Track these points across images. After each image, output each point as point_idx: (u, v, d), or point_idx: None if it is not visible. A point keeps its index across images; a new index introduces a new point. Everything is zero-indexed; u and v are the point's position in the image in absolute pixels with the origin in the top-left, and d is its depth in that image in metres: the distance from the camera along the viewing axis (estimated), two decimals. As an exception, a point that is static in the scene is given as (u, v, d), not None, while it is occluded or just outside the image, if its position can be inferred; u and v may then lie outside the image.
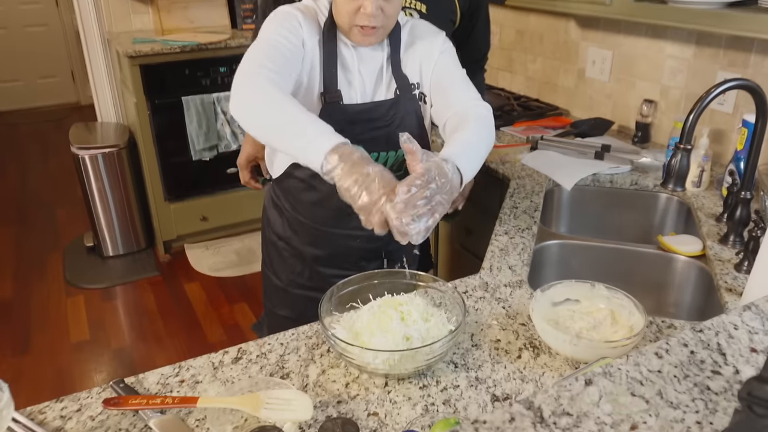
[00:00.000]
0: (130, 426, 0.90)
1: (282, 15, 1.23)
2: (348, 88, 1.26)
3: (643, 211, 1.79)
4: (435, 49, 1.32)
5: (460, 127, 1.17)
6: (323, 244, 1.39)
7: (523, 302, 1.19)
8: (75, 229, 3.74)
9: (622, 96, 2.22)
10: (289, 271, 1.45)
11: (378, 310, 1.06)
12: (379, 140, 1.27)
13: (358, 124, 1.26)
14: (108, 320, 2.92)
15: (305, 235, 1.40)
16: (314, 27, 1.24)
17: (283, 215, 1.42)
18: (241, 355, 1.05)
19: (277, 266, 1.48)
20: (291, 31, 1.20)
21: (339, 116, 1.23)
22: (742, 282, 1.26)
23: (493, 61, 2.84)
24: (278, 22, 1.21)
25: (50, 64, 6.10)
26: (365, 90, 1.28)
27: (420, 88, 1.33)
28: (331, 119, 1.14)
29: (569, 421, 0.56)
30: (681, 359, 0.64)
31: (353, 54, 1.26)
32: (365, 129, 1.27)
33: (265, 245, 1.52)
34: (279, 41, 1.17)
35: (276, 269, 1.48)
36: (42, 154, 5.11)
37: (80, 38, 3.66)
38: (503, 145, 2.08)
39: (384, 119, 1.28)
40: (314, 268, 1.43)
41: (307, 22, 1.22)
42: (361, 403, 0.94)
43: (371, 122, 1.27)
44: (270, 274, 1.51)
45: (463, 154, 1.07)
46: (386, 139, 1.28)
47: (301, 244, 1.41)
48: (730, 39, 1.80)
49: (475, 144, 1.13)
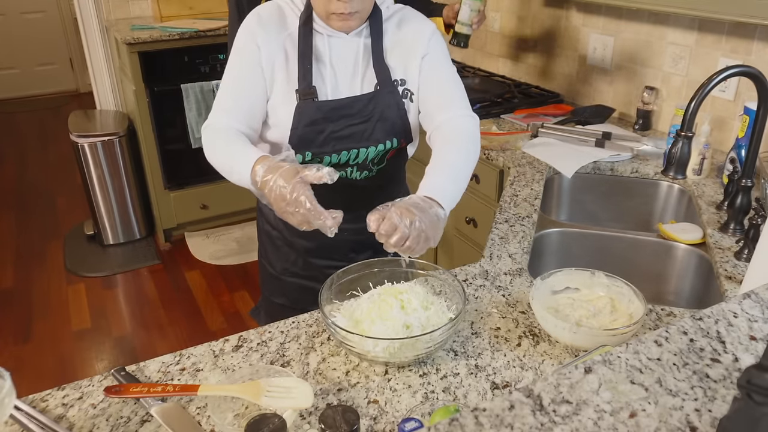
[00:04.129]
0: (132, 414, 0.90)
1: (241, 40, 1.24)
2: (322, 84, 1.24)
3: (643, 198, 1.79)
4: (420, 45, 1.28)
5: (451, 148, 1.23)
6: (311, 235, 1.33)
7: (523, 290, 1.19)
8: (75, 218, 3.74)
9: (624, 83, 2.21)
10: (283, 260, 1.45)
11: (378, 298, 1.06)
12: (356, 136, 1.26)
13: (334, 120, 1.24)
14: (109, 308, 2.93)
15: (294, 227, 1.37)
16: (278, 28, 1.24)
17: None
18: (242, 343, 1.05)
19: (271, 255, 1.48)
20: (249, 57, 1.23)
21: (314, 113, 1.23)
22: (742, 270, 1.26)
23: (494, 48, 2.83)
24: (238, 53, 1.25)
25: (48, 52, 6.07)
26: (339, 84, 1.26)
27: (406, 85, 1.29)
28: (306, 116, 1.22)
29: (569, 408, 0.56)
30: (680, 347, 0.64)
31: (328, 46, 1.24)
32: (343, 125, 1.25)
33: (260, 235, 1.52)
34: (240, 77, 1.24)
35: (270, 258, 1.48)
36: (41, 143, 5.10)
37: (78, 25, 3.64)
38: (503, 133, 2.07)
39: (362, 114, 1.26)
40: (306, 259, 1.43)
41: (265, 31, 1.23)
42: (362, 391, 0.94)
43: (348, 118, 1.25)
44: (265, 263, 1.51)
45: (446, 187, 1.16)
46: (365, 135, 1.26)
47: (291, 235, 1.41)
48: (732, 25, 1.79)
49: (463, 168, 1.22)
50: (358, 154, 1.28)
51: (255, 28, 1.23)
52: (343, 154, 1.27)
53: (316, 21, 1.23)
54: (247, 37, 1.23)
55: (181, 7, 3.52)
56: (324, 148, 1.25)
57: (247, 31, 1.24)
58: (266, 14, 1.25)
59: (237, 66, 1.25)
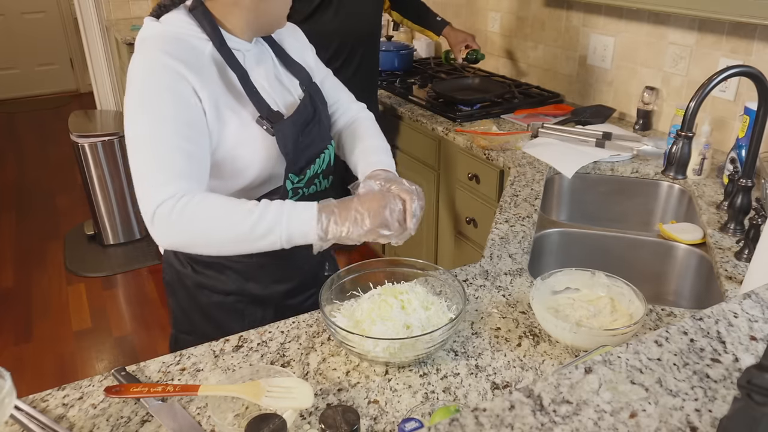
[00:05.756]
0: (132, 414, 0.90)
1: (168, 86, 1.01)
2: (273, 101, 1.14)
3: (643, 199, 1.79)
4: (307, 47, 1.31)
5: (366, 136, 1.27)
6: (291, 275, 1.27)
7: (524, 290, 1.19)
8: (75, 218, 3.74)
9: (624, 83, 2.21)
10: (249, 321, 1.24)
11: (378, 298, 1.06)
12: (316, 140, 1.19)
13: (303, 132, 1.15)
14: (109, 308, 2.93)
15: (271, 275, 1.24)
16: (199, 63, 1.05)
17: (226, 270, 1.21)
18: (242, 344, 1.05)
19: (229, 325, 1.21)
20: (188, 105, 1.02)
21: (293, 131, 1.12)
22: (742, 270, 1.26)
23: (494, 49, 2.83)
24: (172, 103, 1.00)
25: (49, 52, 6.07)
26: (278, 96, 1.17)
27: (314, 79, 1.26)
28: (290, 137, 1.11)
29: (569, 408, 0.56)
30: (681, 347, 0.64)
31: (245, 62, 1.12)
32: (307, 135, 1.16)
33: (200, 314, 1.26)
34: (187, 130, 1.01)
35: (230, 329, 1.14)
36: (41, 143, 5.10)
37: (79, 25, 3.64)
38: (504, 133, 2.07)
39: (311, 118, 1.18)
40: (281, 304, 1.28)
41: (193, 71, 1.02)
42: (362, 391, 0.94)
43: (307, 125, 1.17)
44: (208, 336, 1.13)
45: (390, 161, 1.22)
46: (321, 136, 1.21)
47: (265, 287, 1.25)
48: (733, 25, 1.79)
49: (388, 149, 1.27)
50: (324, 157, 1.22)
51: (181, 70, 1.01)
52: (317, 162, 1.20)
53: (229, 39, 1.10)
54: (178, 83, 1.00)
55: (181, 8, 3.52)
56: (304, 163, 1.17)
57: (172, 76, 1.00)
58: (176, 50, 1.03)
59: (175, 118, 1.00)
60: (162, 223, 0.98)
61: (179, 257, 1.24)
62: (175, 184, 0.99)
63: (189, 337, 1.26)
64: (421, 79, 2.75)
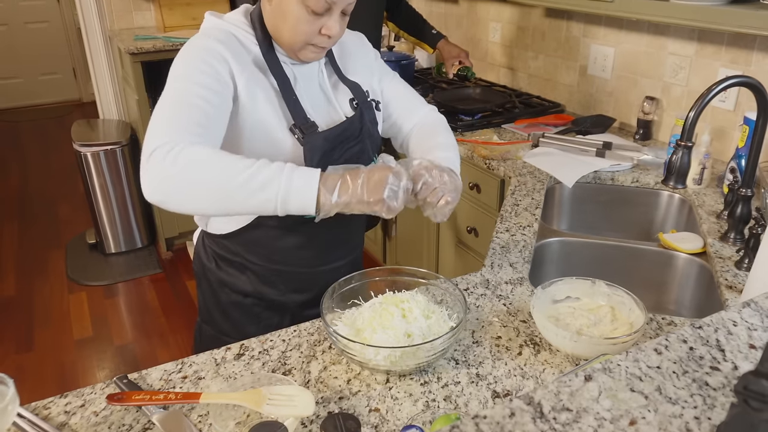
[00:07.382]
0: (134, 422, 0.90)
1: (200, 54, 1.05)
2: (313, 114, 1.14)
3: (644, 208, 1.79)
4: (370, 53, 1.30)
5: (434, 134, 1.28)
6: (309, 286, 1.27)
7: (524, 299, 1.19)
8: (77, 227, 3.75)
9: (624, 93, 2.23)
10: (264, 326, 1.26)
11: (379, 306, 1.06)
12: (353, 159, 1.18)
13: (337, 148, 1.15)
14: (110, 317, 2.93)
15: (288, 283, 1.26)
16: (242, 58, 1.08)
17: (247, 270, 1.25)
18: (244, 352, 1.06)
19: (246, 327, 1.27)
20: (215, 77, 1.03)
21: (323, 145, 1.12)
22: (742, 279, 1.26)
23: (495, 58, 2.84)
24: (205, 73, 1.02)
25: (52, 61, 6.11)
26: (321, 110, 1.17)
27: (372, 96, 1.26)
28: (318, 150, 1.11)
29: (569, 416, 0.56)
30: (680, 355, 0.65)
31: (293, 73, 1.14)
32: (342, 152, 1.16)
33: (220, 311, 1.30)
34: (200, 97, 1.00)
35: (246, 331, 1.22)
36: (44, 151, 5.12)
37: (82, 35, 3.66)
38: (505, 143, 2.08)
39: (355, 136, 1.18)
40: (298, 314, 1.28)
41: (238, 62, 1.06)
42: (363, 399, 0.94)
43: (346, 142, 1.16)
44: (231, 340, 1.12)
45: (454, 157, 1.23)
46: (361, 156, 1.20)
47: (282, 294, 1.27)
48: (732, 36, 1.80)
49: (454, 146, 1.27)
50: None
51: (225, 54, 1.05)
52: None
53: (278, 49, 1.13)
54: (219, 63, 1.04)
55: (184, 18, 3.54)
56: None
57: (214, 56, 1.05)
58: (226, 40, 1.08)
59: (204, 84, 1.01)
60: (155, 167, 0.92)
61: (207, 250, 1.28)
62: (180, 135, 0.95)
63: (210, 329, 1.33)
64: (423, 89, 2.76)
